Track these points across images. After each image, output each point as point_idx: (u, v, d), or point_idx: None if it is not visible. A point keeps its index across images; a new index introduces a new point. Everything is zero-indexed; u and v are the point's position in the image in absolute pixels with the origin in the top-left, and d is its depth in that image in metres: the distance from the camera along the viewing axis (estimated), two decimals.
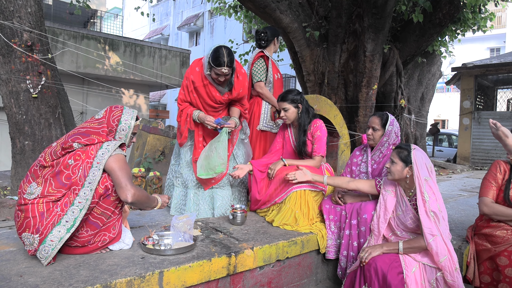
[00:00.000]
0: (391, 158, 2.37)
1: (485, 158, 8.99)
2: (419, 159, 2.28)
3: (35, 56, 4.64)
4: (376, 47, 6.16)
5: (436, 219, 2.19)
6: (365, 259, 2.26)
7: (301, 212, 2.83)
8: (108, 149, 2.05)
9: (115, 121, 2.19)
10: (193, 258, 2.12)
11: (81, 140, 2.06)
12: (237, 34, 17.36)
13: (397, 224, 2.39)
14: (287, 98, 3.05)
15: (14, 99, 4.58)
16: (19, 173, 4.69)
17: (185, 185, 3.15)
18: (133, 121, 2.24)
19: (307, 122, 3.07)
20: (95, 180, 2.00)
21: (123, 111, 2.22)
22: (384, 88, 7.20)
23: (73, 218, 1.96)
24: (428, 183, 2.25)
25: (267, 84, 3.60)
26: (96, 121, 2.19)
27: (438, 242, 2.16)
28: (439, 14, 6.53)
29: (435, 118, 21.85)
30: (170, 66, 13.71)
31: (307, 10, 6.51)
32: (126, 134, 2.22)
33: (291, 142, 3.21)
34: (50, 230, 1.93)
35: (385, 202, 2.43)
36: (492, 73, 9.14)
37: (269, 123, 3.60)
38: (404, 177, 2.33)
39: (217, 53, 2.83)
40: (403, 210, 2.36)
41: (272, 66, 3.63)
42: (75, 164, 2.01)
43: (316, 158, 3.03)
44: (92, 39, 11.84)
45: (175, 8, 25.67)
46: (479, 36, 17.26)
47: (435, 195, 2.24)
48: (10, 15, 4.47)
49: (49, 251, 1.92)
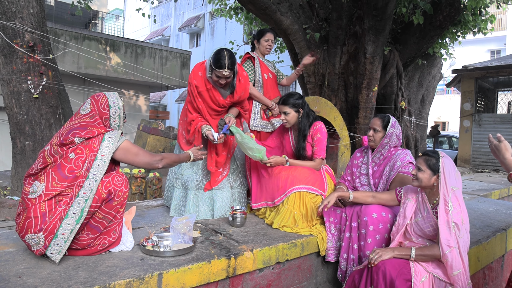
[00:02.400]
0: (418, 165, 2.28)
1: (486, 161, 8.98)
2: (447, 167, 2.20)
3: (37, 56, 4.65)
4: (377, 49, 6.16)
5: (457, 231, 2.12)
6: (374, 261, 2.22)
7: (300, 213, 2.82)
8: (111, 142, 2.10)
9: (105, 107, 2.19)
10: (192, 260, 2.12)
11: (81, 134, 2.07)
12: (237, 35, 17.37)
13: (414, 230, 2.34)
14: (288, 102, 3.03)
15: (15, 99, 4.58)
16: (19, 173, 4.70)
17: (185, 187, 3.15)
18: (120, 101, 2.26)
19: (307, 127, 3.06)
20: (100, 171, 2.03)
21: (107, 96, 2.22)
22: (384, 90, 7.20)
23: (80, 209, 1.97)
24: (454, 193, 2.18)
25: (256, 85, 3.63)
26: (87, 115, 2.17)
27: (454, 254, 2.10)
28: (439, 16, 6.53)
29: (435, 120, 21.84)
30: (171, 67, 13.73)
31: (308, 12, 6.52)
32: (119, 115, 2.23)
33: (291, 144, 3.20)
34: (59, 224, 1.94)
35: (404, 210, 2.38)
36: (493, 75, 9.14)
37: (260, 122, 3.60)
38: (431, 185, 2.26)
39: (218, 56, 2.84)
40: (424, 216, 2.30)
41: (260, 66, 3.66)
42: (77, 158, 2.02)
43: (317, 160, 3.03)
44: (93, 40, 11.86)
45: (176, 10, 25.69)
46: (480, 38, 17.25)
47: (460, 206, 2.17)
48: (12, 16, 4.48)
49: (61, 244, 1.94)
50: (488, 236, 3.13)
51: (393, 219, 2.55)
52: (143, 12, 8.15)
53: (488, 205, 4.33)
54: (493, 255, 3.18)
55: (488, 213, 3.93)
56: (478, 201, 4.62)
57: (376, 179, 2.88)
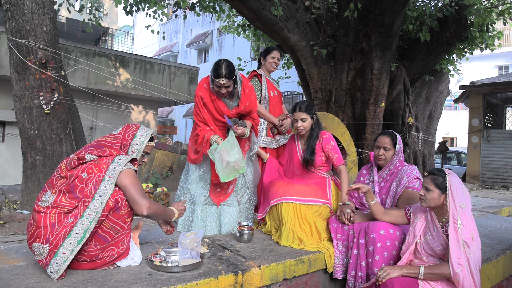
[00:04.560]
0: (425, 186, 2.25)
1: (495, 177, 8.89)
2: (454, 184, 2.18)
3: (49, 73, 4.75)
4: (384, 65, 6.20)
5: (467, 248, 2.09)
6: (382, 279, 2.20)
7: (302, 231, 2.81)
8: (120, 163, 2.09)
9: (130, 135, 2.26)
10: (200, 275, 2.12)
11: (94, 152, 2.10)
12: (245, 51, 17.57)
13: (424, 249, 2.31)
14: (305, 109, 3.04)
15: (27, 115, 4.68)
16: (29, 188, 4.75)
17: (192, 202, 3.17)
18: (147, 138, 2.29)
19: (318, 133, 3.08)
20: (106, 194, 2.03)
21: (139, 128, 2.31)
22: (391, 106, 7.20)
23: (83, 230, 1.98)
24: (463, 210, 2.15)
25: (262, 102, 3.66)
26: (113, 136, 2.26)
27: (465, 273, 2.07)
28: (446, 33, 6.57)
29: (443, 136, 21.70)
30: (179, 82, 13.89)
31: (315, 29, 6.60)
32: (139, 149, 2.27)
33: (298, 154, 3.18)
34: (61, 242, 1.95)
35: (414, 229, 2.36)
36: (501, 91, 9.12)
37: (266, 139, 3.62)
38: (440, 204, 2.23)
39: (216, 66, 2.92)
40: (433, 235, 2.28)
41: (266, 84, 3.70)
42: (88, 178, 2.05)
43: (341, 167, 2.99)
44: (103, 56, 12.08)
45: (184, 26, 26.13)
46: (487, 54, 17.27)
47: (469, 224, 2.15)
48: (26, 34, 4.61)
49: (61, 264, 1.94)
50: (498, 254, 3.09)
51: (401, 236, 2.53)
52: (152, 28, 8.31)
53: (497, 222, 4.27)
54: (503, 273, 3.13)
55: (498, 230, 3.88)
56: (487, 218, 4.56)
57: (383, 195, 2.87)
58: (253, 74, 3.76)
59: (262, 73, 3.74)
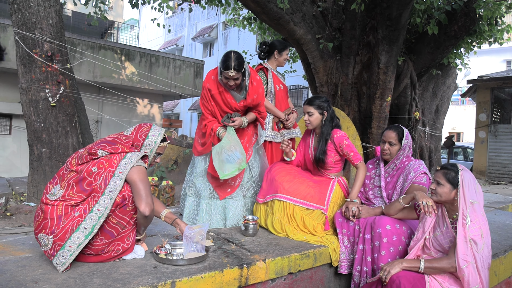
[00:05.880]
0: (437, 180, 2.24)
1: (502, 173, 8.82)
2: (466, 180, 2.16)
3: (55, 66, 4.76)
4: (390, 59, 6.14)
5: (474, 245, 2.08)
6: (386, 279, 2.19)
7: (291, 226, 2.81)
8: (131, 160, 2.09)
9: (142, 136, 2.26)
10: (205, 269, 2.12)
11: (106, 148, 2.11)
12: (250, 45, 17.51)
13: (433, 245, 2.30)
14: (314, 103, 2.99)
15: (33, 108, 4.69)
16: (35, 180, 4.78)
17: (197, 195, 3.17)
18: (160, 138, 2.29)
19: (329, 131, 2.98)
20: (116, 189, 2.03)
21: (151, 127, 2.30)
22: (398, 100, 7.15)
23: (91, 225, 1.99)
24: (473, 207, 2.14)
25: (268, 95, 3.63)
26: (125, 136, 2.26)
27: (470, 269, 2.06)
28: (454, 26, 6.49)
29: (450, 130, 21.56)
30: (184, 76, 13.88)
31: (321, 22, 6.54)
32: (151, 150, 2.27)
33: (310, 151, 3.12)
34: (69, 236, 1.96)
35: (423, 225, 2.34)
36: (509, 85, 9.02)
37: (271, 133, 3.60)
38: (451, 199, 2.22)
39: (226, 57, 2.89)
40: (443, 231, 2.26)
41: (272, 78, 3.67)
42: (98, 172, 2.05)
43: (359, 165, 2.89)
44: (109, 50, 12.09)
45: (190, 20, 26.06)
46: (495, 48, 17.06)
47: (479, 221, 2.13)
48: (32, 27, 4.61)
49: (67, 257, 1.95)
50: (506, 250, 3.06)
51: (407, 232, 2.52)
52: (158, 22, 8.29)
53: (505, 218, 4.24)
54: (511, 269, 3.11)
55: (505, 226, 3.85)
56: (494, 213, 4.53)
57: (389, 190, 2.85)
58: (259, 67, 3.74)
59: (268, 66, 3.71)
